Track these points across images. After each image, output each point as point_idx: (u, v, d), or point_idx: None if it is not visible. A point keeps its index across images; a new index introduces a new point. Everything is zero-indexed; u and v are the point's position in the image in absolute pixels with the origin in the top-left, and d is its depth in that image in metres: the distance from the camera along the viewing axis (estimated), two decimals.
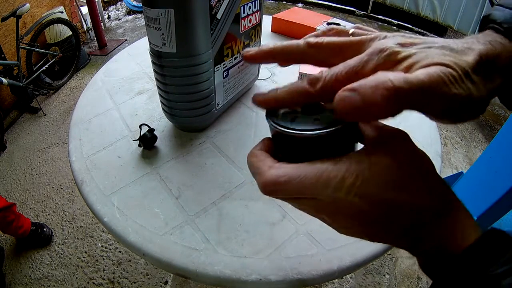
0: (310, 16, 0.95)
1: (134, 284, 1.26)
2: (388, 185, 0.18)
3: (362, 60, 0.19)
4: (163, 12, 0.44)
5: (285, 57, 0.23)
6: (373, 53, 0.19)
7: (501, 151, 1.08)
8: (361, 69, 0.19)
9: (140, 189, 0.50)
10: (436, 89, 0.16)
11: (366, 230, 0.20)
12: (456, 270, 0.18)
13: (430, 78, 0.16)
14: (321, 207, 0.20)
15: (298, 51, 0.23)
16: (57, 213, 1.54)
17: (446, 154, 1.88)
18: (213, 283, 0.41)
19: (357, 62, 0.19)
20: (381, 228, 0.20)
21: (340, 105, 0.17)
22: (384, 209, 0.19)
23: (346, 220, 0.20)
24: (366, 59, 0.19)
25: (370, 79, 0.16)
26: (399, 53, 0.18)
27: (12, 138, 2.02)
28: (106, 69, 0.81)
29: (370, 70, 0.18)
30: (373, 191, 0.18)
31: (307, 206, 0.21)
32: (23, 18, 2.06)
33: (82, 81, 2.50)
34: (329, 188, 0.19)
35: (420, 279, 1.29)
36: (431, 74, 0.16)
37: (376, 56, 0.19)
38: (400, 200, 0.18)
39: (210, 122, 0.62)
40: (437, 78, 0.16)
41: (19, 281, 1.29)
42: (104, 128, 0.63)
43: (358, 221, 0.20)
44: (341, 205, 0.19)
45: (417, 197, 0.19)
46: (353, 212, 0.19)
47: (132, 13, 3.74)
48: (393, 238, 0.20)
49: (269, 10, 3.70)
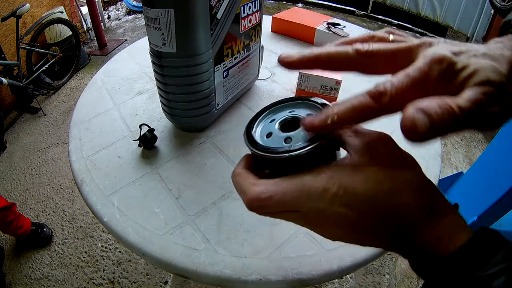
0: (310, 16, 0.95)
1: (134, 284, 1.26)
2: (373, 192, 0.18)
3: (423, 70, 0.18)
4: (163, 12, 0.44)
5: (332, 66, 0.22)
6: (431, 63, 0.18)
7: (501, 151, 1.08)
8: (422, 80, 0.18)
9: (140, 189, 0.50)
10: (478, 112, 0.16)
11: (356, 236, 0.20)
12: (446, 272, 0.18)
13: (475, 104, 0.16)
14: (307, 219, 0.20)
15: (347, 59, 0.21)
16: (57, 213, 1.54)
17: (446, 154, 1.88)
18: (213, 283, 0.41)
19: (418, 73, 0.18)
20: (370, 233, 0.20)
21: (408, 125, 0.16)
22: (371, 216, 0.19)
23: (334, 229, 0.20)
24: (427, 69, 0.18)
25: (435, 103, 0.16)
26: (456, 63, 0.18)
27: (12, 138, 2.02)
28: (106, 69, 0.81)
29: (431, 81, 0.18)
30: (358, 199, 0.18)
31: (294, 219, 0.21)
32: (23, 18, 2.06)
33: (82, 81, 2.50)
34: (311, 200, 0.19)
35: (420, 279, 1.29)
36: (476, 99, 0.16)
37: (436, 66, 0.18)
38: (387, 205, 0.18)
39: (210, 122, 0.62)
40: (480, 102, 0.16)
41: (19, 281, 1.29)
42: (104, 128, 0.63)
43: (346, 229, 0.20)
44: (326, 215, 0.19)
45: (404, 201, 0.19)
46: (340, 221, 0.19)
47: (132, 13, 3.74)
48: (383, 242, 0.20)
49: (269, 10, 3.70)
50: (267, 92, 0.72)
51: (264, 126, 0.24)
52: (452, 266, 0.17)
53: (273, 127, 0.23)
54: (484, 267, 0.16)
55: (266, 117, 0.25)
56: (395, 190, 0.19)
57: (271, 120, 0.24)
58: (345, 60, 0.21)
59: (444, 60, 0.18)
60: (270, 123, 0.24)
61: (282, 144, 0.21)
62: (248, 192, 0.21)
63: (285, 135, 0.22)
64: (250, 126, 0.24)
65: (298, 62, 0.22)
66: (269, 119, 0.25)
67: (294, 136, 0.21)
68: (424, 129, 0.16)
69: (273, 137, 0.22)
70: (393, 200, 0.19)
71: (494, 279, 0.16)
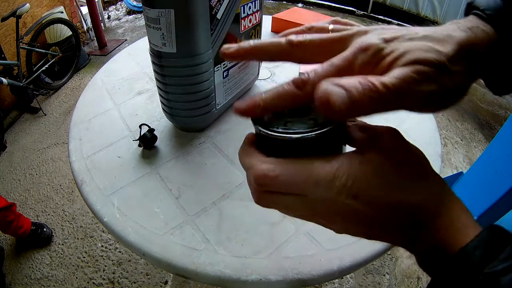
0: (310, 16, 0.95)
1: (134, 284, 1.26)
2: (383, 185, 0.18)
3: (347, 59, 0.19)
4: (163, 12, 0.44)
5: (266, 56, 0.23)
6: (357, 51, 0.19)
7: (501, 151, 1.08)
8: (347, 68, 0.19)
9: (140, 189, 0.50)
10: (407, 89, 0.16)
11: (363, 229, 0.20)
12: (453, 268, 0.18)
13: (402, 81, 0.16)
14: (314, 207, 0.20)
15: (280, 50, 0.22)
16: (57, 213, 1.54)
17: (446, 154, 1.88)
18: (213, 283, 0.41)
19: (342, 61, 0.19)
20: (378, 227, 0.19)
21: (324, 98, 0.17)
22: (381, 209, 0.18)
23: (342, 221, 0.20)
24: (352, 57, 0.19)
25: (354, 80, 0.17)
26: (382, 49, 0.18)
27: (12, 138, 2.02)
28: (106, 69, 0.81)
29: (356, 68, 0.19)
30: (368, 192, 0.18)
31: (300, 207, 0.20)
32: (23, 18, 2.06)
33: (82, 81, 2.50)
34: (319, 187, 0.19)
35: (420, 279, 1.29)
36: (403, 76, 0.17)
37: (362, 55, 0.19)
38: (396, 199, 0.18)
39: (210, 122, 0.62)
40: (409, 79, 0.16)
41: (19, 281, 1.29)
42: (104, 128, 0.63)
43: (354, 221, 0.19)
44: (334, 205, 0.19)
45: (414, 196, 0.19)
46: (348, 212, 0.19)
47: (132, 13, 3.74)
48: (391, 237, 0.20)
49: (269, 10, 3.70)
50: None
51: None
52: (460, 263, 0.17)
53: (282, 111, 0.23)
54: (492, 264, 0.16)
55: None
56: (404, 185, 0.19)
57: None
58: (279, 51, 0.22)
59: (370, 47, 0.19)
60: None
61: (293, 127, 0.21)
62: (256, 168, 0.20)
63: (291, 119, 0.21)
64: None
65: (236, 53, 0.23)
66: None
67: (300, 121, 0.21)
68: (342, 103, 0.16)
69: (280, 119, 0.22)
70: (401, 194, 0.18)
71: (501, 276, 0.15)
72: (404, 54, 0.18)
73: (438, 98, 0.17)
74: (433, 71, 0.17)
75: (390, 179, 0.18)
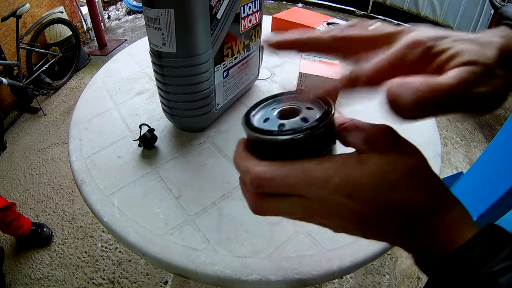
0: (310, 16, 0.95)
1: (134, 284, 1.26)
2: (378, 184, 0.18)
3: (401, 52, 0.19)
4: (163, 12, 0.44)
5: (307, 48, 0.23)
6: (410, 45, 0.19)
7: (501, 151, 1.08)
8: (400, 61, 0.19)
9: (140, 189, 0.50)
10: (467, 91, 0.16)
11: (360, 228, 0.20)
12: (450, 268, 0.17)
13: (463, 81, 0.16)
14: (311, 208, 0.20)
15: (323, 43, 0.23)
16: (57, 213, 1.54)
17: (446, 154, 1.88)
18: (213, 283, 0.41)
19: (393, 58, 0.19)
20: (374, 226, 0.19)
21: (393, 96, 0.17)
22: (376, 208, 0.18)
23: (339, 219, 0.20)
24: (404, 51, 0.19)
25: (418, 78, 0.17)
26: (434, 46, 0.18)
27: (12, 138, 2.02)
28: (106, 69, 0.81)
29: (408, 63, 0.19)
30: (362, 191, 0.18)
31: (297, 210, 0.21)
32: (23, 18, 2.06)
33: (82, 81, 2.50)
34: (313, 187, 0.19)
35: (420, 279, 1.29)
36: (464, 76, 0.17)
37: (414, 50, 0.19)
38: (392, 198, 0.18)
39: (210, 122, 0.62)
40: (469, 80, 0.16)
41: (19, 281, 1.29)
42: (104, 128, 0.63)
43: (351, 220, 0.19)
44: (329, 205, 0.19)
45: (410, 195, 0.18)
46: (344, 211, 0.19)
47: (132, 13, 3.74)
48: (387, 236, 0.20)
49: (269, 10, 3.69)
50: (267, 92, 0.72)
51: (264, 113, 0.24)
52: (457, 262, 0.17)
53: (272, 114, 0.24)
54: (490, 264, 0.16)
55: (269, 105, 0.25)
56: (403, 184, 0.18)
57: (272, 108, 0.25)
58: (321, 44, 0.23)
59: (420, 43, 0.19)
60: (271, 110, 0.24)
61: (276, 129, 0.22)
62: (252, 171, 0.20)
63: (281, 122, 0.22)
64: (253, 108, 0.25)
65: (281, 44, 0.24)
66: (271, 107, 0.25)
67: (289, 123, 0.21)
68: (410, 102, 0.16)
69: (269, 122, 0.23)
70: (396, 193, 0.18)
71: (499, 276, 0.15)
72: (459, 54, 0.18)
73: (488, 101, 0.17)
74: (485, 73, 0.17)
75: (386, 178, 0.18)
